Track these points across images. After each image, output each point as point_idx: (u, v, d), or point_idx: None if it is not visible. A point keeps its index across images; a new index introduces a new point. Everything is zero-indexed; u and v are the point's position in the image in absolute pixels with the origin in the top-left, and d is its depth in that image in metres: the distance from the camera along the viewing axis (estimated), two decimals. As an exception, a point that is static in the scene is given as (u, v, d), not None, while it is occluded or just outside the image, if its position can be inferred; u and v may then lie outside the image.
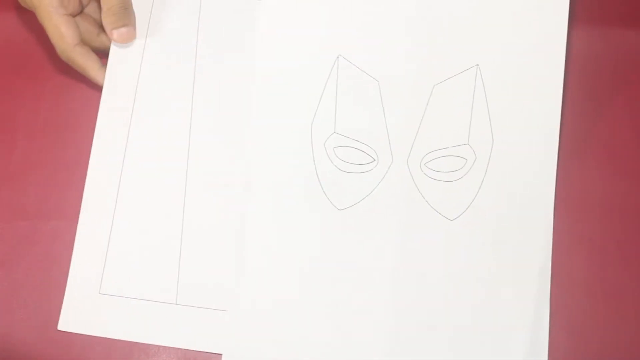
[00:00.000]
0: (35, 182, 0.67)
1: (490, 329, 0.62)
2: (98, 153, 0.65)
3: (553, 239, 0.63)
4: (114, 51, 0.66)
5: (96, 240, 0.64)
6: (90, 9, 0.68)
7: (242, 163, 0.64)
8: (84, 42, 0.66)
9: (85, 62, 0.65)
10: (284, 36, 0.65)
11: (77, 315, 0.63)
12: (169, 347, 0.63)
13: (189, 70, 0.66)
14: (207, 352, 0.62)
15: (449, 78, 0.64)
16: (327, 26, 0.65)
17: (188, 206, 0.64)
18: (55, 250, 0.65)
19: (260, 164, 0.64)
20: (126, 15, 0.65)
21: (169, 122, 0.65)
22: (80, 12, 0.67)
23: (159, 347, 0.63)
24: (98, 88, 0.66)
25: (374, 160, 0.64)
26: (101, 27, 0.67)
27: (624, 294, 0.63)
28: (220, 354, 0.62)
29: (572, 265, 0.64)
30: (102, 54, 0.67)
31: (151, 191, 0.65)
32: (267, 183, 0.64)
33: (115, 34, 0.65)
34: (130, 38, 0.66)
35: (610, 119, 0.67)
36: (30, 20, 0.67)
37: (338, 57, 0.64)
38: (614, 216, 0.65)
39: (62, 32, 0.64)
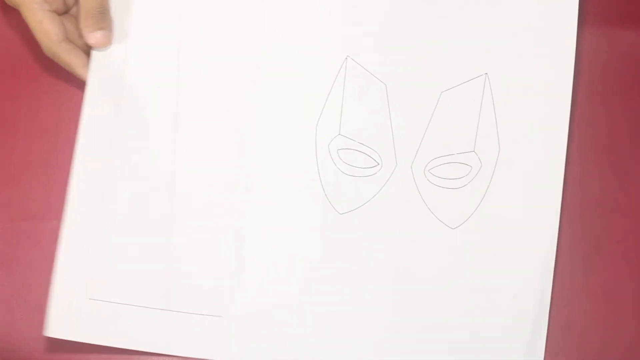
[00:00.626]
0: (35, 182, 0.66)
1: (489, 335, 0.62)
2: (82, 156, 0.64)
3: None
4: (96, 51, 0.65)
5: (82, 245, 0.63)
6: (75, 10, 0.67)
7: (235, 163, 0.64)
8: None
9: (71, 58, 0.65)
10: (292, 36, 0.65)
11: (66, 320, 0.62)
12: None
13: (172, 67, 0.65)
14: (201, 359, 0.63)
15: (457, 85, 0.64)
16: (336, 27, 0.65)
17: (177, 208, 0.63)
18: (55, 250, 0.64)
19: (262, 164, 0.64)
20: (102, 19, 0.64)
21: (155, 122, 0.64)
22: (65, 12, 0.66)
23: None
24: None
25: (378, 164, 0.64)
26: None
27: (624, 294, 0.64)
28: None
29: (572, 265, 0.64)
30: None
31: (139, 192, 0.64)
32: (268, 184, 0.64)
33: (91, 37, 0.64)
34: (106, 42, 0.65)
35: (613, 122, 0.67)
36: (18, 19, 0.67)
37: (346, 58, 0.64)
38: (614, 216, 0.65)
39: (46, 28, 0.63)
